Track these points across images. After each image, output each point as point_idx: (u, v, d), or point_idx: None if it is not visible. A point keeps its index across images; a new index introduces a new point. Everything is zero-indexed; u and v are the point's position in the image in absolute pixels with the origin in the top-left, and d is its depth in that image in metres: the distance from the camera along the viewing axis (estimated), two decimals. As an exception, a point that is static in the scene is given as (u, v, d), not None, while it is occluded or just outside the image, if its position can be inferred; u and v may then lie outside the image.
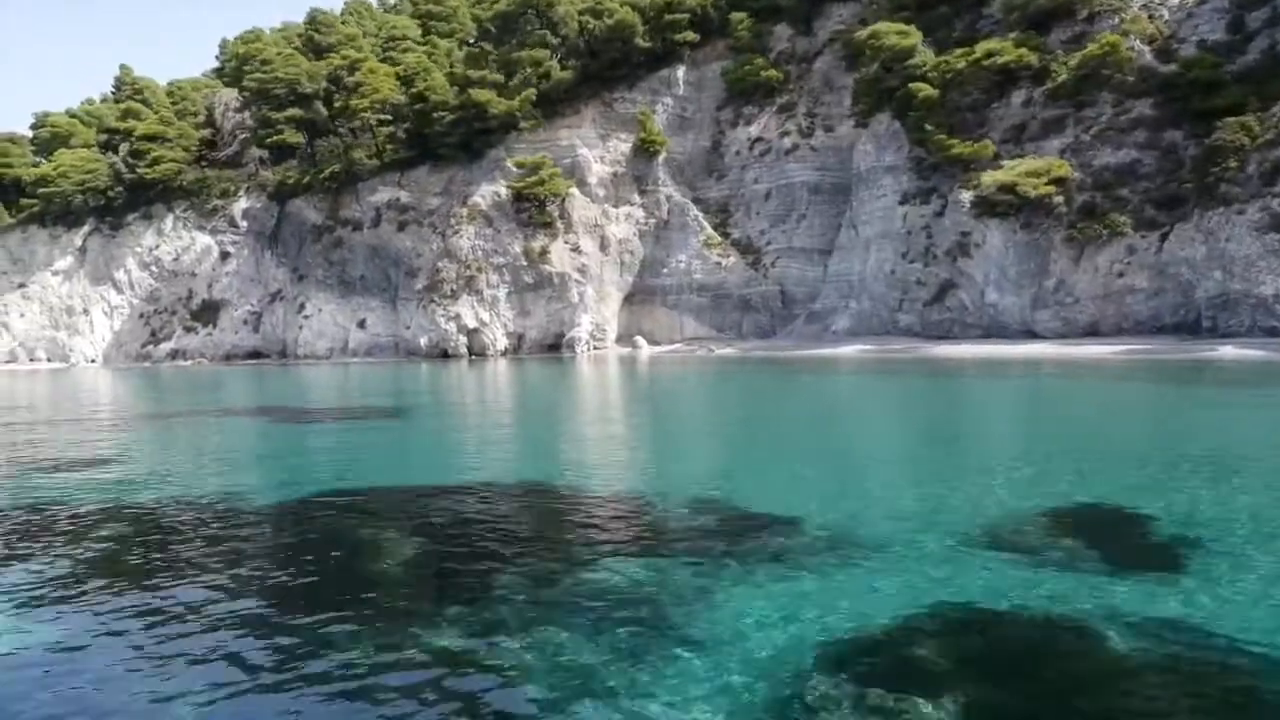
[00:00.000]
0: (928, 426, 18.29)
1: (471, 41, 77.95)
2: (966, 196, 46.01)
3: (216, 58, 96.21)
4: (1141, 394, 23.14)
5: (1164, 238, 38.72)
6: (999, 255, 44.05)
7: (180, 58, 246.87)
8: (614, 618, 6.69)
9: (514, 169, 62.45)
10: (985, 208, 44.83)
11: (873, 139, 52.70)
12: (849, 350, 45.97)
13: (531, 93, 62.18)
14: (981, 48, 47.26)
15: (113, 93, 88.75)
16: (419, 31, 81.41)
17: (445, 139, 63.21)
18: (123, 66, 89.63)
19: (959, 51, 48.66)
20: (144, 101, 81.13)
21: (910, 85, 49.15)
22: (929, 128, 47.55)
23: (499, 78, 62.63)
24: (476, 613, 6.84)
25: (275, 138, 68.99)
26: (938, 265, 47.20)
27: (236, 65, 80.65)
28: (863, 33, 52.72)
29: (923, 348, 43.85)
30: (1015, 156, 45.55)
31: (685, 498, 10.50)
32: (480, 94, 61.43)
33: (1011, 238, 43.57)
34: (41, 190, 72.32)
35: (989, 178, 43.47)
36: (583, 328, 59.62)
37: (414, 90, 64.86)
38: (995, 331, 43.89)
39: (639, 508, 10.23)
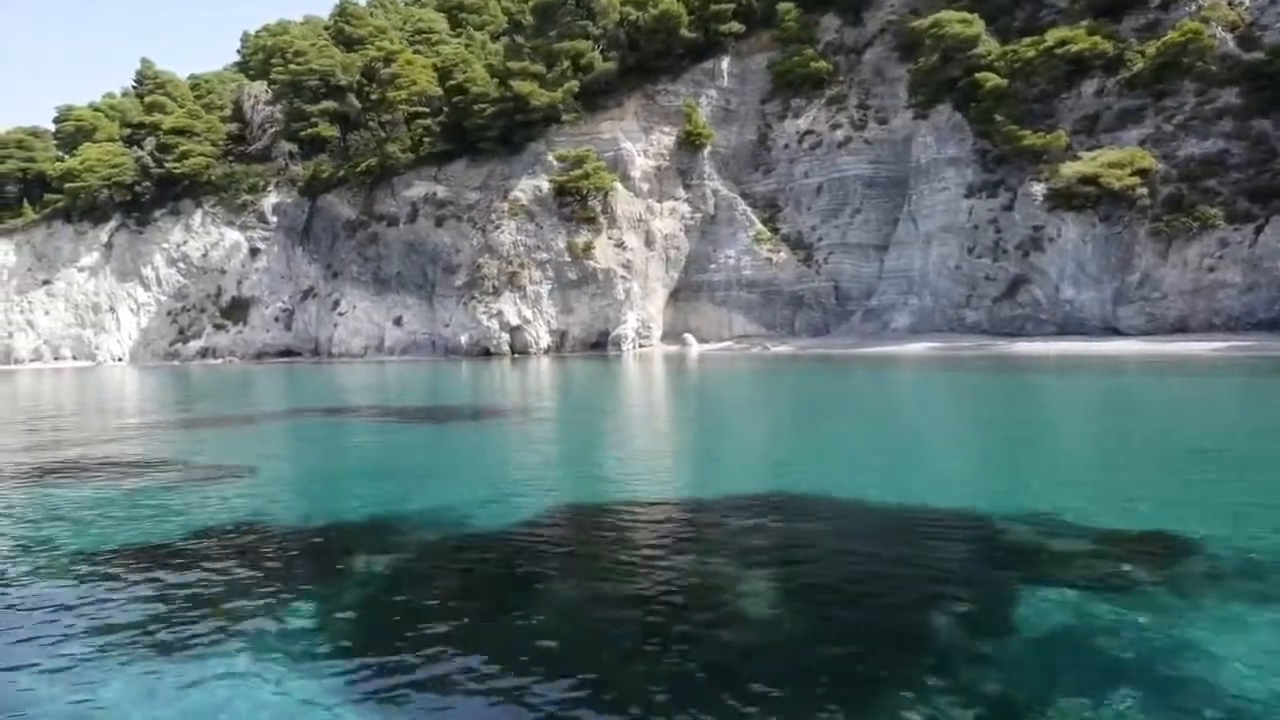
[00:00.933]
0: (1144, 427, 16.70)
1: (502, 33, 76.61)
2: (1039, 189, 44.55)
3: (238, 51, 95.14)
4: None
5: (1259, 230, 37.27)
6: (1076, 249, 42.59)
7: (184, 53, 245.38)
8: (1107, 679, 5.27)
9: (555, 163, 61.03)
10: (1060, 200, 43.36)
11: (933, 130, 51.24)
12: (917, 348, 44.47)
13: (574, 84, 60.72)
14: (1053, 36, 45.78)
15: (134, 87, 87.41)
16: (446, 25, 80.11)
17: (485, 132, 61.72)
18: (144, 60, 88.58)
19: (1027, 40, 47.20)
20: (167, 96, 79.72)
21: (976, 75, 47.70)
22: (999, 118, 46.09)
23: (540, 69, 61.17)
24: (949, 677, 5.40)
25: (309, 130, 67.51)
26: (1007, 260, 45.73)
27: (263, 58, 79.43)
28: (923, 21, 51.26)
29: (996, 345, 42.35)
30: (1089, 148, 44.11)
31: (1013, 511, 9.04)
32: (522, 85, 59.96)
33: (1090, 231, 42.11)
34: (68, 185, 70.83)
35: (1069, 169, 42.01)
36: (629, 325, 58.16)
37: (452, 82, 63.40)
38: (1072, 328, 42.44)
39: (980, 526, 8.75)
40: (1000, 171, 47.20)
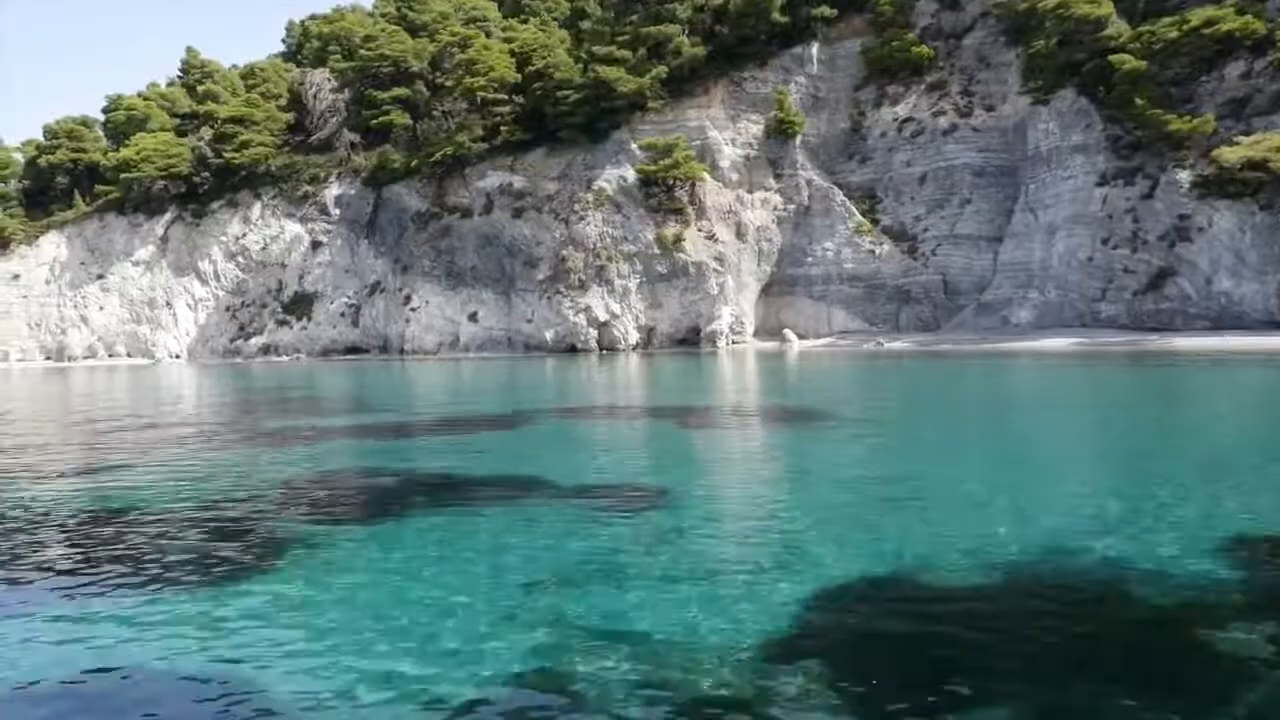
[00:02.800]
0: None
1: (566, 20, 74.20)
2: (1184, 176, 42.38)
3: (283, 41, 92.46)
4: None
5: None
6: (1231, 239, 40.37)
7: (208, 44, 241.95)
8: None
9: (639, 152, 58.66)
10: (1211, 188, 41.19)
11: (1055, 116, 48.99)
12: (1059, 343, 42.13)
13: (662, 70, 58.37)
14: (1198, 15, 43.53)
15: (179, 76, 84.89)
16: (498, 14, 77.45)
17: (567, 120, 59.31)
18: (189, 49, 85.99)
19: (1166, 20, 44.96)
20: (216, 85, 77.24)
21: (1111, 58, 45.43)
22: (1140, 102, 43.83)
23: (626, 54, 58.76)
24: None
25: (381, 119, 65.02)
26: (1149, 251, 43.51)
27: (319, 46, 77.02)
28: (1045, 2, 48.93)
29: (1148, 340, 40.03)
30: (1238, 133, 41.90)
31: None
32: (608, 71, 57.59)
33: (1248, 220, 39.90)
34: (123, 176, 68.29)
35: (1230, 154, 39.76)
36: (723, 320, 55.83)
37: (532, 68, 61.00)
38: (1227, 322, 40.18)
39: None
40: (1137, 158, 44.98)
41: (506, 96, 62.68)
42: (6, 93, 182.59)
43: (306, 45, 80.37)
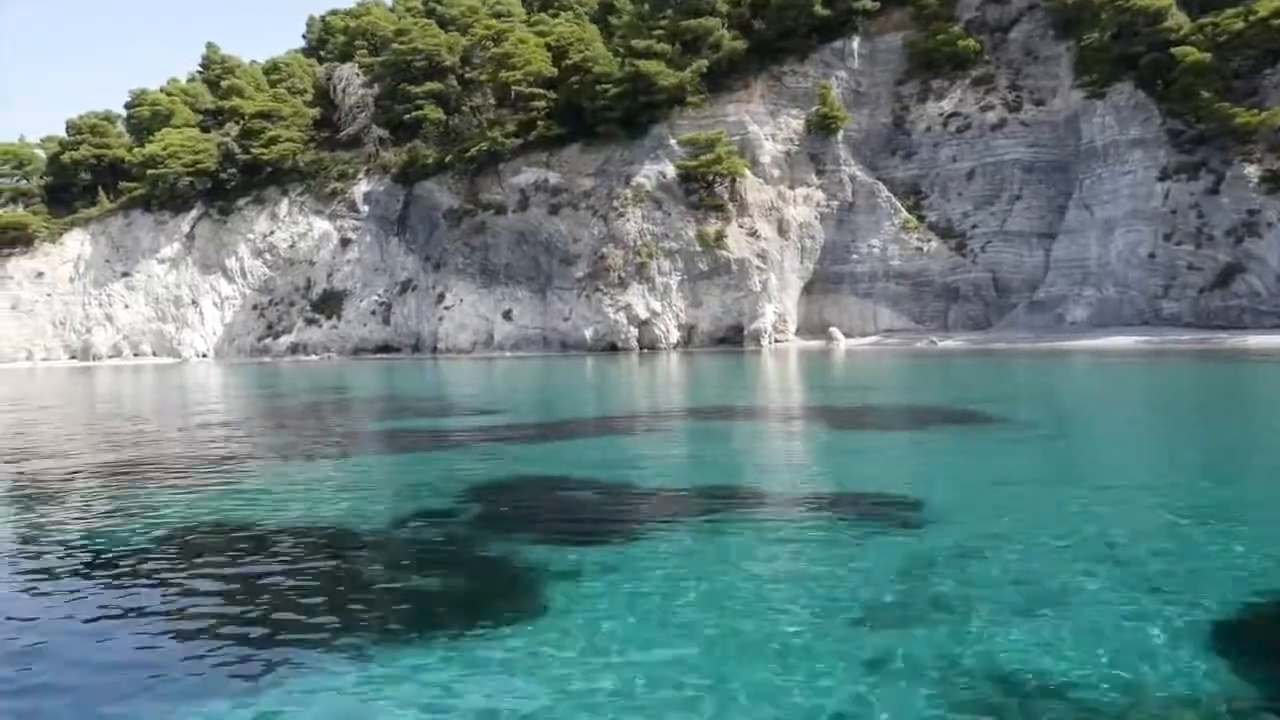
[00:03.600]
0: None
1: (595, 15, 73.14)
2: (1252, 170, 41.49)
3: (303, 36, 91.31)
4: None
5: None
6: (1303, 235, 39.50)
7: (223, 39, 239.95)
8: None
9: (678, 147, 57.72)
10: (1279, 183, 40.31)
11: (1111, 110, 48.06)
12: (1122, 341, 41.22)
13: (703, 64, 57.38)
14: (1265, 6, 42.64)
15: (200, 72, 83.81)
16: (521, 9, 76.36)
17: (606, 115, 58.32)
18: (209, 45, 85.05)
19: (1230, 12, 44.06)
20: (239, 80, 76.13)
21: (1173, 50, 44.49)
22: (1205, 95, 42.92)
23: (666, 48, 57.76)
24: None
25: (413, 114, 63.97)
26: (1215, 247, 42.61)
27: (345, 40, 76.00)
28: (1100, -6, 48.03)
29: (1219, 339, 39.08)
30: (1308, 126, 41.01)
31: None
32: (648, 65, 56.58)
33: (1321, 215, 39.02)
34: (150, 172, 67.20)
35: (1305, 147, 38.87)
36: (766, 318, 54.86)
37: (569, 62, 59.97)
38: (1300, 320, 39.32)
39: None
40: (1200, 153, 44.08)
41: (541, 91, 61.63)
42: (5, 91, 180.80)
43: (330, 40, 79.23)
